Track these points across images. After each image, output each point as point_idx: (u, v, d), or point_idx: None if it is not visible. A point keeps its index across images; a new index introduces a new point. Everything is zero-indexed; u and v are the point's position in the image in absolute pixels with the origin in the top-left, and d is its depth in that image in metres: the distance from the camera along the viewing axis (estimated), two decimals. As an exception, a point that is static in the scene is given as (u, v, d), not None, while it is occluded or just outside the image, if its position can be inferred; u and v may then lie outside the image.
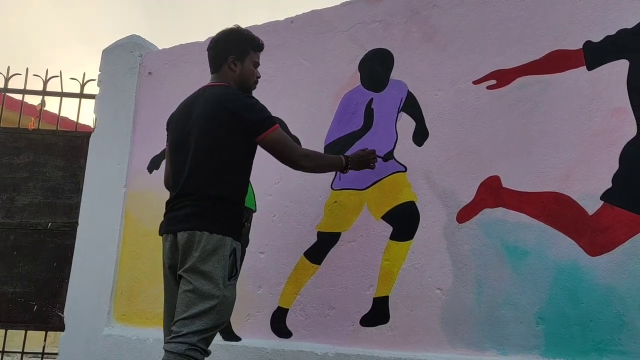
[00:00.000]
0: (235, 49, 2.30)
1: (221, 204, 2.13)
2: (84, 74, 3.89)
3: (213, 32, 3.08)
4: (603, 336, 2.09)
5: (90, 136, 3.67)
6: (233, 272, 2.14)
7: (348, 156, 2.46)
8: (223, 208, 2.13)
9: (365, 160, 2.52)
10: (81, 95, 3.86)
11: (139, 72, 3.62)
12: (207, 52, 2.35)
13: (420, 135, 2.61)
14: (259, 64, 2.39)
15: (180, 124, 2.29)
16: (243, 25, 2.46)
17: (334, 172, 2.76)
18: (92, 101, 3.76)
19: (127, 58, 3.67)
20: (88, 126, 4.34)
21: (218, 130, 2.16)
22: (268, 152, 2.24)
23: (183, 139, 2.24)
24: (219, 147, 2.16)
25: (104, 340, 3.23)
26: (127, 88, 3.61)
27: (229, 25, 2.41)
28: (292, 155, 2.23)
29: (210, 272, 2.06)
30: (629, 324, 2.06)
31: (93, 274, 3.39)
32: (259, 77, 2.40)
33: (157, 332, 3.04)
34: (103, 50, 3.79)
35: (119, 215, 3.41)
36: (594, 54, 2.30)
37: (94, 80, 3.76)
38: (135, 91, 3.59)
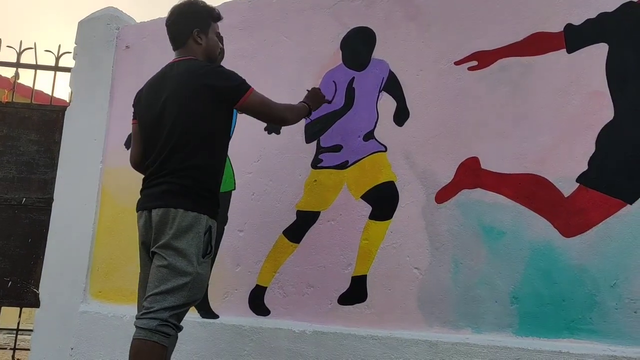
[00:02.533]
0: (198, 22, 2.29)
1: (197, 180, 2.12)
2: (59, 46, 3.80)
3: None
4: (575, 315, 2.14)
5: (65, 110, 3.59)
6: (208, 250, 2.14)
7: (307, 102, 2.51)
8: (199, 186, 2.12)
9: (317, 97, 2.58)
10: (56, 68, 3.77)
11: (116, 45, 3.54)
12: (166, 28, 2.32)
13: (401, 116, 2.61)
14: (220, 35, 2.39)
15: (152, 101, 2.25)
16: (226, -1, 2.43)
17: (315, 151, 2.76)
18: (67, 74, 3.68)
19: (103, 31, 3.58)
20: (63, 100, 4.25)
21: (194, 104, 2.13)
22: (251, 115, 2.26)
23: (156, 116, 2.21)
24: (195, 122, 2.14)
25: (80, 317, 3.21)
26: (104, 62, 3.54)
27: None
28: (277, 112, 2.28)
29: (185, 249, 2.05)
30: (600, 304, 2.11)
31: (69, 250, 3.35)
32: (222, 48, 2.42)
33: (134, 309, 3.00)
34: (79, 22, 3.69)
35: (95, 192, 3.37)
36: (575, 37, 2.32)
37: (70, 52, 3.67)
38: (112, 65, 3.51)
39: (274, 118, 2.32)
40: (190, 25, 2.27)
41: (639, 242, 2.09)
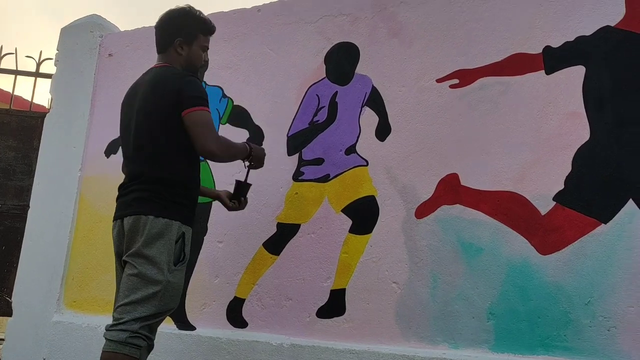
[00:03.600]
0: (183, 32, 2.22)
1: (168, 187, 2.09)
2: (41, 52, 3.77)
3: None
4: (550, 332, 2.17)
5: (45, 117, 3.55)
6: (181, 257, 2.09)
7: (252, 147, 2.32)
8: (170, 191, 2.09)
9: (262, 156, 2.39)
10: (37, 74, 3.74)
11: (99, 53, 3.52)
12: (154, 30, 2.28)
13: (383, 131, 2.64)
14: (207, 48, 2.32)
15: (126, 107, 2.25)
16: (211, 10, 2.42)
17: (297, 163, 2.76)
18: (48, 81, 3.64)
19: (86, 38, 3.56)
20: (43, 106, 4.20)
21: (159, 110, 2.10)
22: (189, 132, 2.08)
23: (128, 123, 2.20)
24: (160, 129, 2.10)
25: (53, 327, 3.15)
26: (86, 69, 3.51)
27: (182, 3, 2.30)
28: (209, 142, 2.06)
29: (155, 257, 2.01)
30: (575, 321, 2.14)
31: (43, 258, 3.30)
32: (206, 60, 2.34)
33: (108, 320, 2.97)
34: (61, 29, 3.67)
35: (73, 200, 3.32)
36: (553, 59, 2.37)
37: (51, 59, 3.64)
38: (94, 72, 3.49)
39: (204, 145, 2.06)
40: (174, 34, 2.22)
41: (612, 261, 2.13)
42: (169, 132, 2.10)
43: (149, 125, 2.12)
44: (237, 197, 2.39)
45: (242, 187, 2.39)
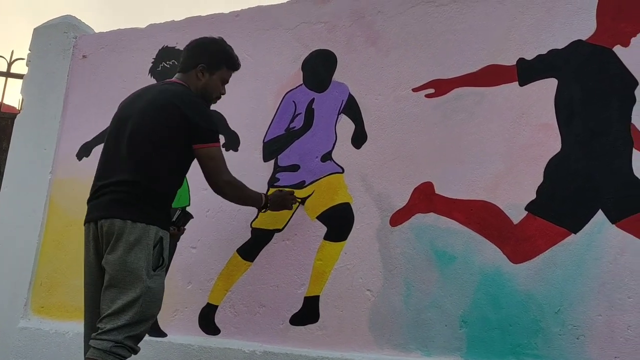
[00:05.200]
0: (208, 60, 2.29)
1: (148, 194, 2.07)
2: (12, 52, 3.69)
3: (161, 20, 3.05)
4: (520, 340, 2.20)
5: (15, 118, 3.48)
6: (160, 262, 2.08)
7: (268, 196, 2.44)
8: (149, 197, 2.07)
9: (283, 201, 2.51)
10: (8, 75, 3.66)
11: (73, 54, 3.46)
12: (183, 50, 2.37)
13: (359, 138, 2.65)
14: (227, 82, 2.39)
15: (125, 111, 2.22)
16: (188, 14, 2.44)
17: (272, 169, 2.76)
18: (19, 81, 3.57)
19: (60, 39, 3.50)
20: (14, 107, 4.11)
21: (167, 125, 2.10)
22: (199, 163, 2.19)
23: (124, 121, 2.17)
24: (161, 143, 2.10)
25: (19, 333, 3.07)
26: (59, 70, 3.45)
27: (214, 35, 2.43)
28: (219, 176, 2.19)
29: (132, 263, 1.99)
30: (545, 330, 2.17)
31: (10, 262, 3.22)
32: (223, 93, 2.39)
33: (77, 326, 2.92)
34: (34, 29, 3.60)
35: (43, 203, 3.25)
36: (526, 71, 2.42)
37: (23, 59, 3.57)
38: (67, 74, 3.43)
39: (213, 180, 2.20)
40: (199, 59, 2.28)
41: (582, 270, 2.17)
42: (170, 149, 2.11)
43: (150, 135, 2.10)
44: (177, 225, 2.38)
45: (184, 216, 2.41)
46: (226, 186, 2.23)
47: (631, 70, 2.25)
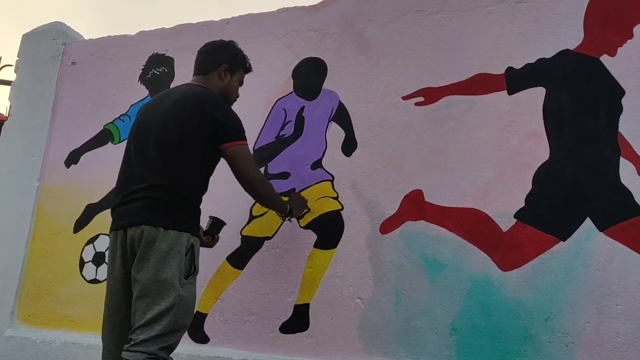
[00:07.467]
0: (230, 60, 2.30)
1: (177, 198, 2.02)
2: (0, 58, 3.67)
3: (156, 26, 3.03)
4: (510, 347, 2.20)
5: (3, 124, 3.45)
6: (191, 270, 2.02)
7: (291, 207, 2.43)
8: (179, 202, 2.02)
9: (301, 200, 2.55)
10: (-5, 81, 3.64)
11: (62, 61, 3.45)
12: (197, 54, 2.33)
13: (349, 146, 2.65)
14: (242, 85, 2.39)
15: (147, 115, 2.18)
16: (179, 22, 2.44)
17: (264, 173, 2.75)
18: (7, 88, 3.55)
19: (49, 45, 3.49)
20: (1, 114, 4.08)
21: (187, 124, 2.07)
22: (228, 162, 2.16)
23: (143, 130, 2.13)
24: (188, 144, 2.07)
25: (6, 342, 3.03)
26: (47, 77, 3.43)
27: (225, 39, 2.45)
28: (250, 173, 2.16)
29: (165, 272, 1.93)
30: (534, 337, 2.18)
31: (-3, 271, 3.18)
32: (238, 96, 2.39)
33: (64, 335, 2.89)
34: (23, 35, 3.59)
35: (30, 210, 3.22)
36: (515, 80, 2.44)
37: (11, 65, 3.55)
38: (56, 81, 3.41)
39: (245, 177, 2.16)
40: (221, 60, 2.28)
41: (571, 278, 2.18)
42: (197, 150, 2.08)
43: (177, 137, 2.06)
44: (211, 234, 2.37)
45: (217, 224, 2.38)
46: (260, 183, 2.22)
47: (618, 80, 2.28)
